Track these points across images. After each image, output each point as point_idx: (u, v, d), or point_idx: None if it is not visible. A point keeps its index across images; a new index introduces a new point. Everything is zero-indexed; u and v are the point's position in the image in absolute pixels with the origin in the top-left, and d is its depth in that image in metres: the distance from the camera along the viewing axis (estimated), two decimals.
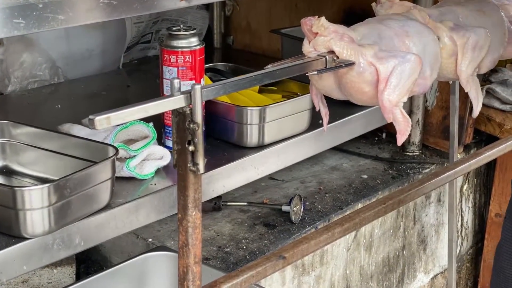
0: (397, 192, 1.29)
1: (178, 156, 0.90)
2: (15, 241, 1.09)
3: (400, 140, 1.01)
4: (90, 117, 0.77)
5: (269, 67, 1.00)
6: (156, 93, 1.51)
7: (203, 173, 0.88)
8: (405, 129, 1.01)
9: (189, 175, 0.90)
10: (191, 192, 0.92)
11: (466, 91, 1.15)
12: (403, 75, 0.99)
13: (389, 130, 1.98)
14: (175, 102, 0.85)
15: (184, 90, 0.86)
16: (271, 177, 1.74)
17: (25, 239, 1.10)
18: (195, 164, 0.89)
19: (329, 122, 1.62)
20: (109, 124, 0.80)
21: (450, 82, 1.72)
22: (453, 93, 1.78)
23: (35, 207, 1.07)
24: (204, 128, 1.04)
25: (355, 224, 1.21)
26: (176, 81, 0.88)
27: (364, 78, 0.99)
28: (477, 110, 1.17)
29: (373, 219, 1.25)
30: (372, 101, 1.03)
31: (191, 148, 0.89)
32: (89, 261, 1.57)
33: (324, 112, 1.19)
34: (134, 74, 2.04)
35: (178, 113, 0.89)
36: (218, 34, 2.23)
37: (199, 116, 0.88)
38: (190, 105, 0.88)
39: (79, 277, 1.50)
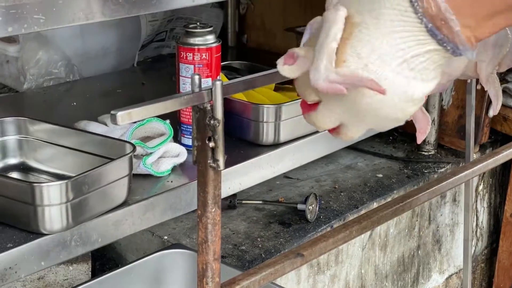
0: (415, 191, 1.28)
1: (198, 152, 0.90)
2: (33, 237, 1.09)
3: (420, 138, 1.01)
4: (112, 112, 0.77)
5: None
6: (171, 91, 1.51)
7: (223, 169, 0.88)
8: (425, 127, 1.00)
9: (209, 172, 0.90)
10: (211, 189, 0.91)
11: (486, 89, 1.14)
12: None
13: (404, 129, 1.97)
14: (196, 98, 0.85)
15: (204, 86, 0.86)
16: (286, 175, 1.74)
17: (43, 235, 1.10)
18: (215, 160, 0.89)
19: None
20: (130, 119, 0.80)
21: (468, 81, 1.71)
22: (470, 92, 1.77)
23: (54, 203, 1.07)
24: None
25: (372, 222, 1.20)
26: (196, 77, 0.88)
27: None
28: (496, 108, 1.16)
29: (391, 218, 1.25)
30: None
31: (211, 144, 0.89)
32: (105, 258, 1.57)
33: None
34: (149, 72, 2.04)
35: (198, 109, 0.89)
36: (232, 33, 2.22)
37: (219, 113, 0.88)
38: (211, 101, 0.88)
39: (94, 274, 1.50)
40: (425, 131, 1.01)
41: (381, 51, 0.69)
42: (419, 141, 1.02)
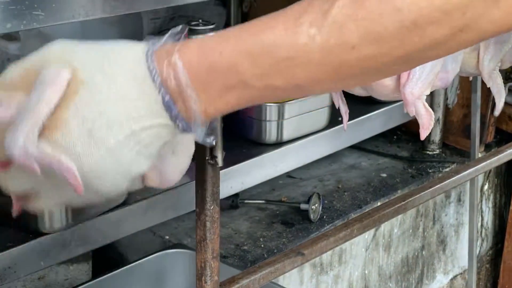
0: (417, 189, 1.27)
1: (196, 149, 0.89)
2: (33, 237, 1.09)
3: (424, 134, 1.00)
4: None
5: None
6: None
7: (222, 166, 0.87)
8: (428, 123, 0.99)
9: (208, 168, 0.89)
10: (209, 186, 0.90)
11: (488, 86, 1.13)
12: (425, 68, 0.97)
13: (408, 128, 1.96)
14: None
15: None
16: (289, 175, 1.73)
17: (43, 234, 1.09)
18: (213, 157, 0.88)
19: (348, 120, 1.62)
20: None
21: (470, 79, 1.69)
22: (475, 91, 1.75)
23: None
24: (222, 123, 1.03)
25: (374, 221, 1.19)
26: None
27: None
28: (499, 105, 1.15)
29: (393, 217, 1.23)
30: (394, 95, 1.01)
31: None
32: (105, 258, 1.56)
33: (344, 110, 1.18)
34: None
35: None
36: None
37: None
38: None
39: (95, 274, 1.49)
40: (429, 127, 1.00)
41: (110, 117, 0.60)
42: (422, 137, 1.01)
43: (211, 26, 1.41)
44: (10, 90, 0.62)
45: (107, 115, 0.60)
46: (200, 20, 1.44)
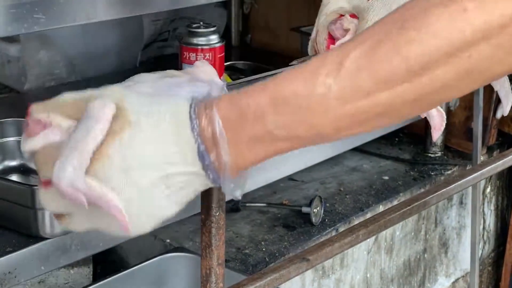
0: (423, 194, 1.26)
1: None
2: (33, 241, 1.08)
3: (436, 135, 0.98)
4: None
5: (294, 63, 0.97)
6: None
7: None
8: (440, 124, 0.97)
9: None
10: (215, 192, 0.89)
11: (495, 89, 1.12)
12: None
13: (410, 130, 1.95)
14: None
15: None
16: (290, 177, 1.72)
17: (43, 239, 1.08)
18: None
19: None
20: None
21: None
22: (477, 94, 1.74)
23: None
24: None
25: (379, 226, 1.18)
26: None
27: None
28: (506, 109, 1.14)
29: (398, 222, 1.22)
30: None
31: None
32: (106, 262, 1.54)
33: None
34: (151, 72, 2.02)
35: None
36: (236, 33, 2.20)
37: None
38: None
39: (96, 278, 1.47)
40: (440, 128, 0.99)
41: (147, 159, 0.63)
42: (434, 138, 1.00)
43: (212, 29, 1.41)
44: (62, 114, 0.66)
45: (145, 157, 0.63)
46: (201, 23, 1.44)
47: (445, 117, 0.98)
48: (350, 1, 1.01)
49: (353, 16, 1.01)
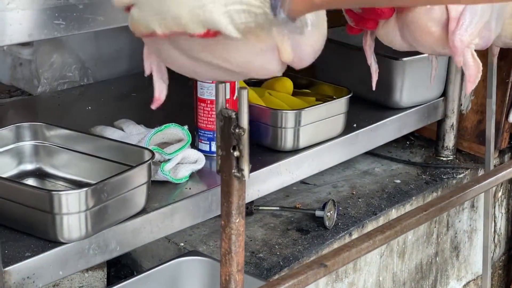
0: (438, 199, 1.26)
1: (222, 161, 0.88)
2: (51, 246, 1.08)
3: (470, 87, 0.94)
4: None
5: None
6: (188, 94, 1.49)
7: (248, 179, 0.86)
8: (475, 74, 0.94)
9: (234, 181, 0.88)
10: (235, 199, 0.89)
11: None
12: (475, 15, 0.93)
13: (421, 133, 1.95)
14: None
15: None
16: (303, 181, 1.72)
17: (62, 244, 1.08)
18: (240, 170, 0.87)
19: (362, 126, 1.61)
20: None
21: (473, 80, 1.66)
22: (490, 97, 1.74)
23: (72, 211, 1.05)
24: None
25: (396, 231, 1.18)
26: (221, 85, 0.87)
27: (432, 15, 0.94)
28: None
29: (415, 227, 1.22)
30: (437, 44, 0.95)
31: (236, 153, 0.87)
32: (120, 265, 1.55)
33: (374, 69, 1.13)
34: None
35: (223, 118, 0.87)
36: None
37: (245, 121, 0.87)
38: (236, 109, 0.86)
39: (109, 281, 1.48)
40: (475, 79, 0.94)
41: None
42: (468, 91, 0.94)
43: None
44: None
45: None
46: None
47: (481, 68, 0.94)
48: None
49: None
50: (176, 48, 0.75)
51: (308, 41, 0.76)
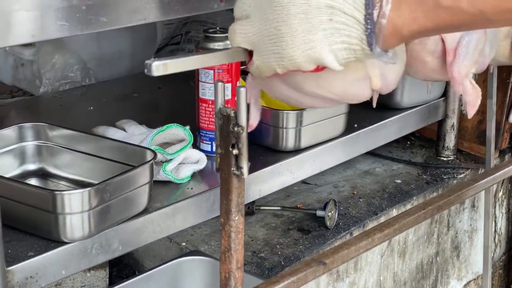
0: (437, 198, 1.27)
1: (221, 159, 0.89)
2: (54, 246, 1.08)
3: (471, 112, 0.98)
4: (147, 62, 0.81)
5: None
6: (189, 94, 1.50)
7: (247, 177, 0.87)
8: (475, 100, 0.97)
9: (233, 179, 0.89)
10: (234, 196, 0.90)
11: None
12: (470, 46, 0.95)
13: (422, 133, 1.96)
14: (232, 56, 0.87)
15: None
16: (304, 181, 1.73)
17: (64, 243, 1.09)
18: (239, 168, 0.88)
19: (363, 127, 1.62)
20: (165, 71, 0.84)
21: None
22: (490, 97, 1.75)
23: (75, 211, 1.06)
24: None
25: (395, 230, 1.19)
26: (219, 85, 0.88)
27: (426, 47, 0.97)
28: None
29: (413, 225, 1.23)
30: (432, 73, 0.99)
31: (235, 151, 0.88)
32: (121, 265, 1.56)
33: None
34: (165, 76, 2.02)
35: (222, 116, 0.88)
36: None
37: (243, 119, 0.87)
38: (235, 108, 0.87)
39: (111, 280, 1.49)
40: (475, 104, 0.98)
41: None
42: (469, 115, 0.99)
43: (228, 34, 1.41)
44: None
45: None
46: (218, 28, 1.44)
47: (480, 93, 0.97)
48: None
49: None
50: (285, 83, 0.88)
51: (392, 69, 0.89)
